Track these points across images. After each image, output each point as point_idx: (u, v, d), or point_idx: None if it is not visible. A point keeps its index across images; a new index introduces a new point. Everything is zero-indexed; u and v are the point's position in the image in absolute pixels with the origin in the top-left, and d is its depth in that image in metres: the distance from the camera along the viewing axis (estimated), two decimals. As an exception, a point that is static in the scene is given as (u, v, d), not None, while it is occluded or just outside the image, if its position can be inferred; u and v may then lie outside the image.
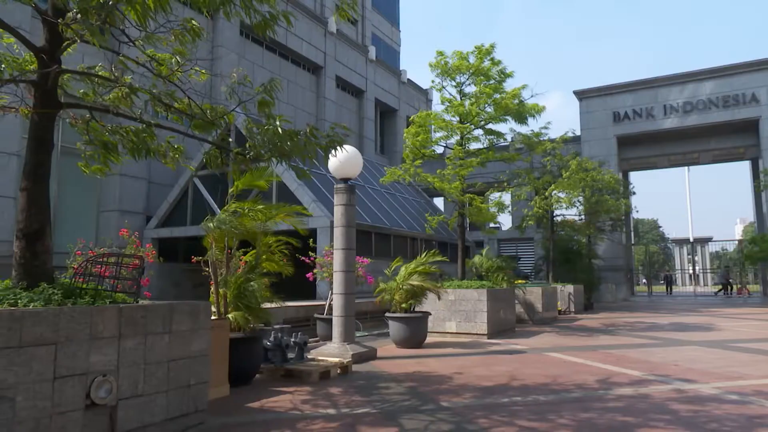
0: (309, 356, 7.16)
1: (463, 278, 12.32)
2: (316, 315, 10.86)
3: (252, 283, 6.06)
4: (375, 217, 20.03)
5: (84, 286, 3.86)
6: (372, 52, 31.06)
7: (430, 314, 9.88)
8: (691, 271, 51.56)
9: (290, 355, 6.81)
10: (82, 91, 4.56)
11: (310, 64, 26.89)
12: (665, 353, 8.36)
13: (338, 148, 5.00)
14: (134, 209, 19.43)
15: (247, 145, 4.69)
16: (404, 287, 9.21)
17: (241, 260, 6.50)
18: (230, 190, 6.22)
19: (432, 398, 5.29)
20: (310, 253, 11.23)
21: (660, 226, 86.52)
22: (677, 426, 4.25)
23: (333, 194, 8.17)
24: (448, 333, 10.66)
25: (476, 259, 15.59)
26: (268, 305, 6.51)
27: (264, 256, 6.50)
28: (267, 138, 4.45)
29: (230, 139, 5.29)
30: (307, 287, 14.18)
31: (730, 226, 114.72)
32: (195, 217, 18.27)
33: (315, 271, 11.17)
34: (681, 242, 64.03)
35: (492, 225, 14.58)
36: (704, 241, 56.00)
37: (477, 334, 10.42)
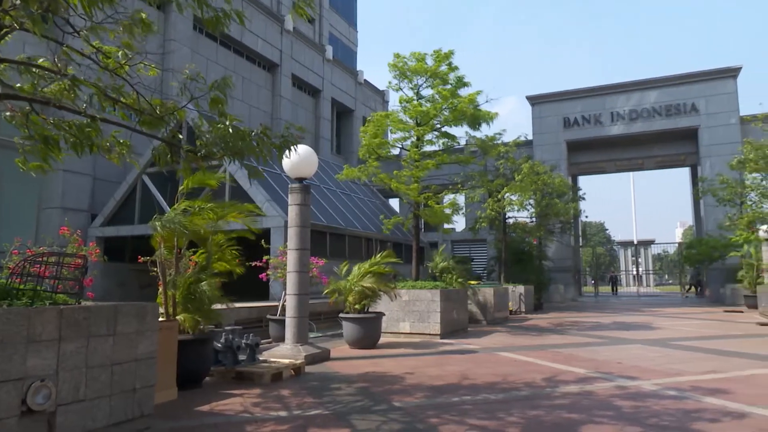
0: (261, 358, 7.06)
1: (418, 279, 12.43)
2: (268, 316, 10.72)
3: (202, 283, 5.92)
4: (330, 217, 19.94)
5: (21, 286, 3.68)
6: (329, 51, 30.92)
7: (384, 315, 9.91)
8: (635, 272, 53.64)
9: (241, 357, 6.69)
10: (18, 85, 4.33)
11: (265, 62, 26.53)
12: (610, 351, 8.67)
13: (292, 147, 4.96)
14: (78, 207, 18.67)
15: (198, 143, 4.58)
16: (356, 288, 9.21)
17: (191, 260, 6.34)
18: (180, 188, 6.05)
19: (384, 398, 5.31)
20: (265, 256, 11.08)
21: (606, 229, 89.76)
22: (619, 421, 4.42)
23: (288, 194, 8.08)
24: (401, 333, 10.71)
25: (436, 259, 15.76)
26: (219, 306, 6.38)
27: (215, 256, 6.36)
28: (219, 136, 4.35)
29: (181, 137, 5.13)
30: (260, 288, 13.98)
31: (671, 230, 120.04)
32: (143, 215, 17.72)
33: (268, 272, 11.03)
34: (626, 244, 66.58)
35: (447, 226, 14.77)
36: (647, 243, 58.42)
37: (430, 334, 10.52)
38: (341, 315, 9.39)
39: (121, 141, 4.88)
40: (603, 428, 4.21)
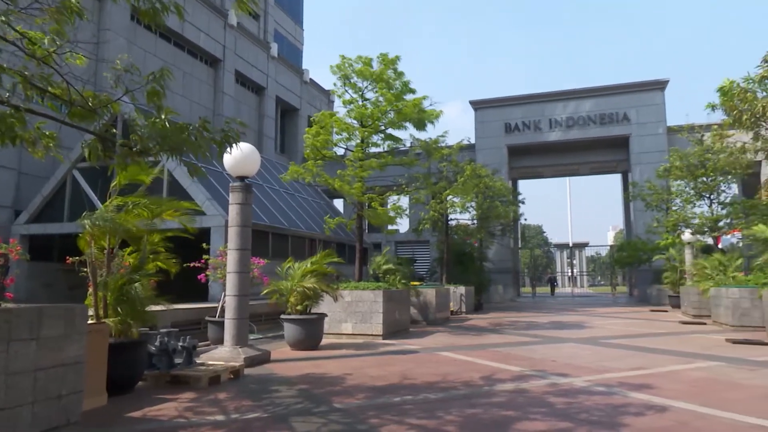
0: (198, 361, 6.86)
1: (360, 280, 12.43)
2: (207, 318, 10.44)
3: (136, 284, 5.69)
4: (273, 217, 19.63)
5: (-68, 287, 3.41)
6: (274, 48, 30.45)
7: (327, 316, 9.85)
8: (570, 274, 55.80)
9: (178, 360, 6.47)
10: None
11: (208, 57, 25.82)
12: (545, 350, 8.97)
13: (234, 144, 4.84)
14: (0, 202, 17.53)
15: (132, 138, 4.39)
16: (298, 289, 9.11)
17: (124, 260, 6.08)
18: (112, 184, 5.79)
19: (325, 400, 5.28)
20: (204, 256, 10.78)
21: (544, 232, 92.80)
22: (552, 417, 4.57)
23: (229, 193, 7.90)
24: (344, 334, 10.69)
25: (377, 259, 15.79)
26: (154, 308, 6.14)
27: (150, 256, 6.13)
28: (155, 131, 4.19)
29: (115, 131, 4.89)
30: (199, 289, 13.59)
31: (604, 233, 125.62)
32: (73, 212, 16.85)
33: (207, 272, 10.73)
34: (562, 247, 69.22)
35: (391, 227, 14.86)
36: (582, 246, 60.93)
37: (372, 335, 10.54)
38: (283, 316, 9.27)
39: (47, 133, 4.61)
40: (536, 424, 4.35)
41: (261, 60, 29.36)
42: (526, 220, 31.69)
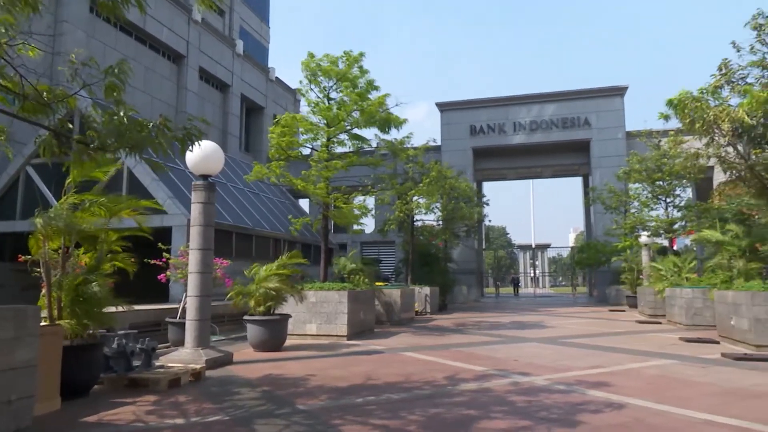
0: (158, 363, 6.70)
1: (325, 280, 12.37)
2: (168, 319, 10.21)
3: (92, 285, 5.51)
4: (237, 216, 19.36)
5: None
6: (239, 46, 30.02)
7: (290, 316, 9.77)
8: (532, 274, 56.82)
9: (136, 363, 6.30)
10: None
11: (171, 52, 25.26)
12: (507, 349, 9.11)
13: (196, 142, 4.75)
14: (-52, 199, 16.76)
15: (89, 134, 4.25)
16: (260, 291, 9.00)
17: (79, 260, 5.88)
18: (67, 181, 5.59)
19: (288, 401, 5.22)
20: (165, 256, 10.54)
21: (508, 233, 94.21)
22: (513, 415, 4.65)
23: (191, 191, 7.74)
24: (308, 335, 10.61)
25: (341, 260, 15.71)
26: (111, 309, 5.96)
27: (108, 255, 5.95)
28: (113, 127, 4.07)
29: (71, 126, 4.72)
30: (159, 289, 13.28)
31: (566, 234, 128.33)
32: (26, 210, 16.23)
33: (168, 272, 10.50)
34: (525, 248, 70.43)
35: (356, 227, 14.84)
36: (544, 247, 62.24)
37: (337, 335, 10.50)
38: (245, 317, 9.14)
39: (-4, 126, 4.43)
40: (498, 423, 4.41)
41: (226, 57, 28.90)
42: (490, 221, 32.18)
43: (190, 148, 4.67)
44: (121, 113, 4.05)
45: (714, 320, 10.86)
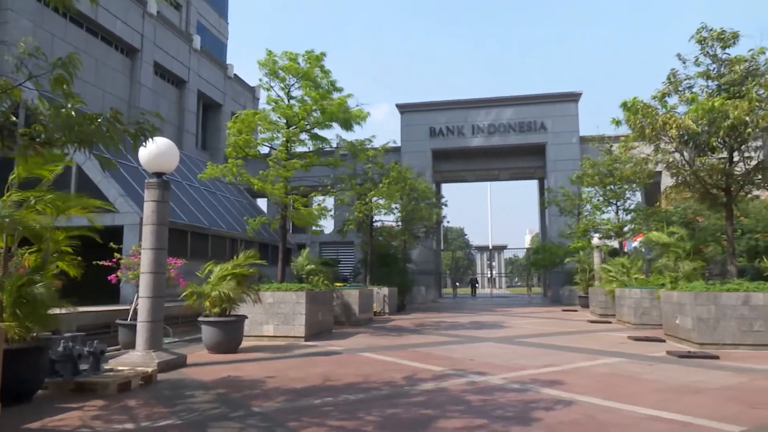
0: (107, 367, 6.47)
1: (283, 281, 12.22)
2: (118, 321, 9.89)
3: (37, 286, 5.27)
4: (192, 215, 18.94)
5: None
6: (197, 41, 29.33)
7: (247, 318, 9.61)
8: (489, 275, 57.74)
9: (83, 367, 6.07)
10: None
11: (124, 46, 24.45)
12: (464, 349, 9.22)
13: (150, 138, 4.61)
14: None
15: (35, 127, 4.07)
16: (213, 294, 8.82)
17: (23, 260, 5.62)
18: (11, 177, 5.33)
19: (243, 404, 5.13)
20: (116, 255, 10.21)
21: (466, 234, 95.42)
22: (469, 414, 4.71)
23: (144, 189, 7.52)
24: (265, 336, 10.46)
25: (300, 260, 15.55)
26: (58, 311, 5.72)
27: (54, 255, 5.70)
28: (61, 120, 3.90)
29: (16, 119, 4.49)
30: (110, 290, 12.84)
31: (522, 236, 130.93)
32: (-33, 207, 15.41)
33: (119, 273, 10.17)
34: (482, 249, 71.47)
35: (315, 228, 14.74)
36: (501, 248, 63.31)
37: (295, 336, 10.39)
38: (200, 319, 8.94)
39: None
40: (454, 422, 4.45)
41: (182, 52, 28.20)
42: (448, 222, 32.50)
43: (143, 144, 4.53)
44: (70, 106, 3.89)
45: (661, 319, 11.30)
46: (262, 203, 30.19)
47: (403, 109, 30.93)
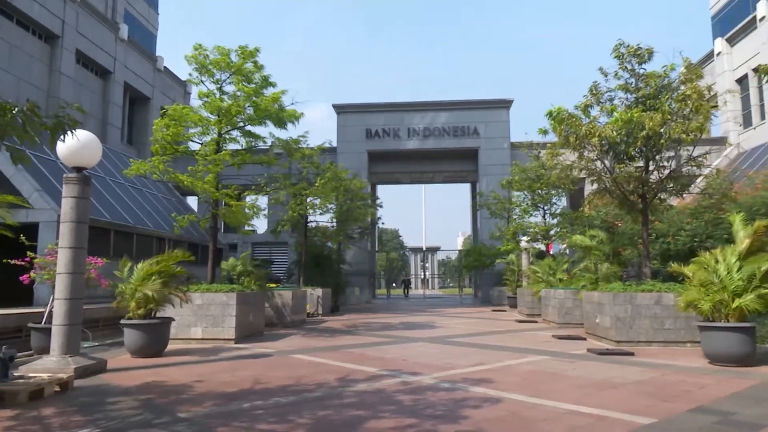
0: (17, 373, 6.04)
1: (214, 281, 11.87)
2: (31, 324, 9.26)
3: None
4: (116, 213, 18.05)
5: None
6: (124, 30, 27.99)
7: (174, 320, 9.26)
8: (422, 276, 58.60)
9: (-10, 374, 5.63)
10: None
11: (43, 31, 22.94)
12: (397, 350, 9.31)
13: (70, 131, 4.36)
14: None
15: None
16: (138, 294, 8.45)
17: None
18: None
19: (168, 410, 4.94)
20: (29, 254, 9.55)
21: (400, 236, 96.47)
22: (401, 414, 4.75)
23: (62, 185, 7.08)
24: (193, 339, 10.12)
25: (231, 261, 15.16)
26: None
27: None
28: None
29: None
30: (22, 291, 12.01)
31: (455, 238, 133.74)
32: None
33: (32, 273, 9.53)
34: (416, 250, 72.47)
35: (248, 227, 14.40)
36: (434, 250, 64.40)
37: (224, 339, 10.12)
38: (122, 321, 8.53)
39: None
40: (385, 422, 4.48)
41: (108, 41, 26.81)
42: (383, 224, 32.69)
43: (62, 138, 4.27)
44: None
45: (582, 319, 11.87)
46: (192, 202, 29.21)
47: (340, 109, 30.88)
